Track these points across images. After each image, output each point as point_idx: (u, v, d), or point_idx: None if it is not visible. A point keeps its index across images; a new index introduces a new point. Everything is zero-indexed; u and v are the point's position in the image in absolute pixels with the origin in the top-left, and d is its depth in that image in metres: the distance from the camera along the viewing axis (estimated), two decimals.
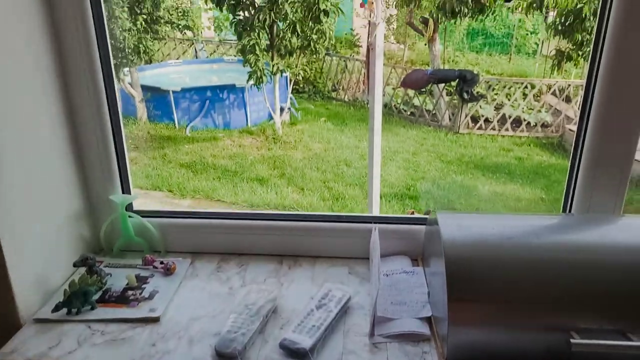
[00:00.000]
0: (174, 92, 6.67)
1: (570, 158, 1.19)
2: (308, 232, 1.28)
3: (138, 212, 1.30)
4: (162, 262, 1.22)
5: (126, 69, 6.16)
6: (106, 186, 1.26)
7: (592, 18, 6.43)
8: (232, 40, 8.88)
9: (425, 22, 7.74)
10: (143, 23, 5.55)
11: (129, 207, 1.30)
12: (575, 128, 1.10)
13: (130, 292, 1.12)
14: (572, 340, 0.83)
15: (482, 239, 0.96)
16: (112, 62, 1.21)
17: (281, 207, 5.04)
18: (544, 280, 0.89)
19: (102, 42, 1.16)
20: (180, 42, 8.97)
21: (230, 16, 6.07)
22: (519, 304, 0.88)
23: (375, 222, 1.26)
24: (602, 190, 1.13)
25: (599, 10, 1.03)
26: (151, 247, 1.31)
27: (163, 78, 7.58)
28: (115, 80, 1.23)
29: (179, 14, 6.40)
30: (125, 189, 1.29)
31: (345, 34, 10.41)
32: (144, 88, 6.70)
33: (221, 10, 6.12)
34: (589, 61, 1.09)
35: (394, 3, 9.53)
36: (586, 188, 1.14)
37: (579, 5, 6.37)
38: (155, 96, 6.78)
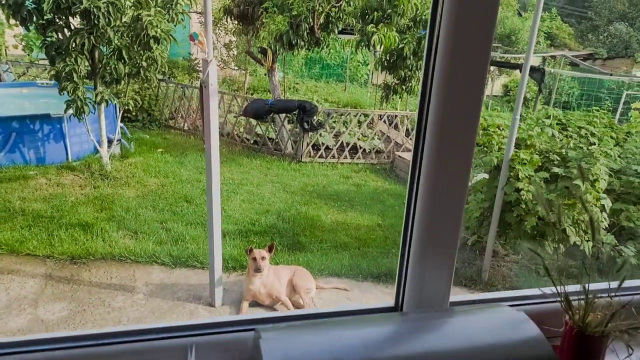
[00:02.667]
0: None
1: (401, 246, 1.13)
2: (110, 358, 1.00)
3: None
4: None
5: None
6: None
7: (411, 57, 7.15)
8: (46, 61, 7.82)
9: (264, 52, 7.78)
10: None
11: None
12: (404, 155, 1.03)
13: None
14: None
15: None
16: None
17: (109, 256, 4.44)
18: None
19: None
20: None
21: (41, 37, 5.28)
22: None
23: (192, 335, 1.04)
24: (432, 279, 1.08)
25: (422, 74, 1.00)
26: None
27: None
28: None
29: None
30: None
31: (183, 59, 9.96)
32: None
33: (28, 30, 5.28)
34: (415, 136, 1.05)
35: (232, 31, 9.45)
36: (417, 275, 1.09)
37: (400, 45, 7.02)
38: None
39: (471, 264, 4.92)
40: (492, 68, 12.58)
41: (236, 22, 8.34)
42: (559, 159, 4.52)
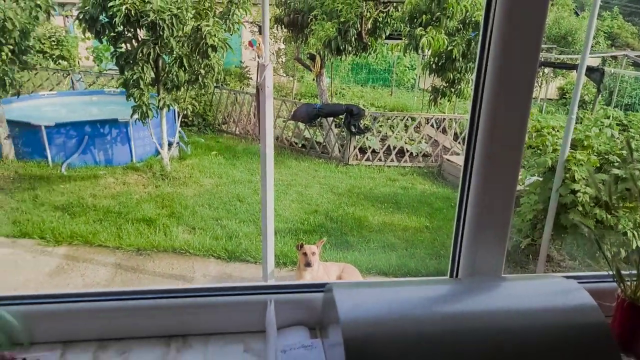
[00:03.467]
0: (46, 127, 6.07)
1: (455, 219, 1.27)
2: (197, 308, 1.19)
3: None
4: (24, 359, 1.06)
5: None
6: None
7: (461, 59, 7.17)
8: (113, 71, 8.39)
9: (312, 58, 8.03)
10: (9, 54, 5.00)
11: None
12: (452, 158, 1.17)
13: None
14: None
15: (377, 315, 0.97)
16: None
17: (171, 249, 4.76)
18: (440, 351, 0.92)
19: None
20: (55, 72, 8.24)
21: (112, 48, 5.74)
22: None
23: (270, 293, 1.22)
24: (485, 251, 1.21)
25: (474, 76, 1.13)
26: (11, 339, 1.12)
27: (34, 111, 6.88)
28: None
29: (53, 44, 5.89)
30: None
31: (235, 67, 10.41)
32: (11, 123, 6.01)
33: (101, 42, 5.76)
34: (467, 131, 1.18)
35: (282, 38, 9.78)
36: (471, 249, 1.22)
37: (449, 48, 7.06)
38: (25, 132, 6.11)
39: (524, 268, 4.86)
40: (546, 70, 12.24)
41: (286, 30, 8.64)
42: (619, 160, 4.39)
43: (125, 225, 5.09)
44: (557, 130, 5.00)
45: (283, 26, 8.41)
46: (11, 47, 4.96)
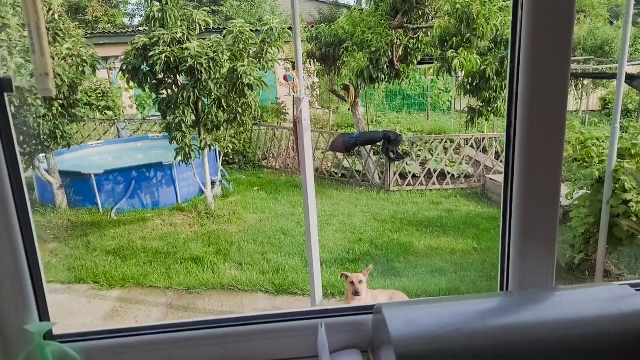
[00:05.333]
0: (96, 175, 6.38)
1: (501, 234, 1.24)
2: (252, 336, 1.21)
3: (58, 337, 1.16)
4: None
5: (42, 156, 5.84)
6: (21, 315, 1.13)
7: (495, 78, 7.10)
8: (155, 117, 8.80)
9: (346, 89, 8.15)
10: (59, 108, 5.35)
11: (48, 334, 1.17)
12: (495, 177, 1.15)
13: None
14: None
15: (430, 332, 0.95)
16: (21, 165, 1.12)
17: (219, 286, 4.83)
18: None
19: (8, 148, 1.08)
20: (101, 123, 8.74)
21: (154, 95, 6.04)
22: None
23: (319, 317, 1.22)
24: (534, 263, 1.17)
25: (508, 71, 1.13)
26: None
27: (83, 161, 7.28)
28: (30, 171, 1.13)
29: (99, 96, 6.26)
30: (43, 316, 1.16)
31: (271, 104, 10.70)
32: (63, 174, 6.36)
33: (144, 90, 6.08)
34: (505, 145, 1.17)
35: (315, 72, 10.01)
36: (519, 262, 1.18)
37: (482, 67, 7.01)
38: (76, 181, 6.44)
39: None
40: (585, 82, 11.91)
41: (318, 64, 8.84)
42: None
43: (174, 265, 5.21)
44: (602, 141, 4.83)
45: (315, 60, 8.62)
46: (61, 101, 5.31)
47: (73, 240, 5.80)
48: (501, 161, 8.05)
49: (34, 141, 5.33)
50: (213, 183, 6.91)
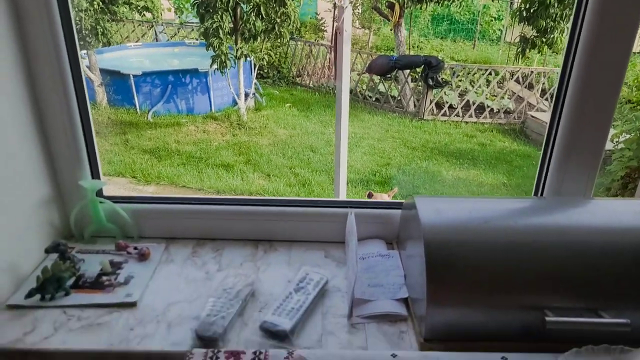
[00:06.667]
0: (134, 76, 6.45)
1: (544, 143, 1.23)
2: (283, 217, 1.28)
3: (109, 198, 1.26)
4: (135, 248, 1.20)
5: (83, 52, 5.91)
6: (75, 172, 1.21)
7: (556, 5, 6.60)
8: (193, 22, 8.66)
9: (391, 7, 7.76)
10: (100, 3, 5.32)
11: (99, 193, 1.26)
12: (537, 115, 1.13)
13: (104, 278, 1.09)
14: (546, 318, 0.86)
15: (459, 222, 0.99)
16: (77, 42, 1.16)
17: (247, 192, 5.00)
18: (520, 262, 0.92)
19: (65, 21, 1.11)
20: (140, 25, 8.66)
21: None
22: (496, 285, 0.91)
23: (351, 206, 1.27)
24: (574, 174, 1.17)
25: None
26: (123, 233, 1.27)
27: (122, 61, 7.32)
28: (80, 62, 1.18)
29: None
30: (95, 174, 1.25)
31: (310, 18, 10.32)
32: (103, 71, 6.46)
33: None
34: (565, 50, 1.13)
35: None
36: (558, 172, 1.19)
37: None
38: (115, 80, 6.54)
39: None
40: None
41: None
42: None
43: (205, 169, 5.39)
44: None
45: None
46: None
47: (112, 137, 6.01)
48: (546, 99, 7.72)
49: (77, 36, 5.37)
50: (246, 95, 6.92)
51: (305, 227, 1.29)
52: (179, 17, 9.00)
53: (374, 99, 8.20)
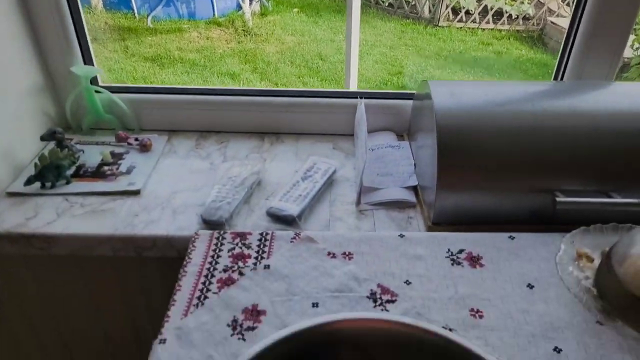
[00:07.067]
0: None
1: (568, 25, 1.13)
2: (290, 108, 1.22)
3: (106, 88, 1.20)
4: (136, 139, 1.16)
5: None
6: (65, 57, 1.14)
7: None
8: None
9: None
10: None
11: (95, 82, 1.20)
12: (557, 21, 1.03)
13: (106, 168, 1.07)
14: (557, 199, 0.84)
15: (473, 106, 0.93)
16: None
17: None
18: (534, 144, 0.88)
19: None
20: None
21: None
22: (508, 169, 0.88)
23: (360, 97, 1.21)
24: (597, 57, 1.09)
25: None
26: (123, 125, 1.23)
27: None
28: None
29: None
30: (87, 61, 1.18)
31: None
32: None
33: None
34: None
35: None
36: (582, 54, 1.10)
37: None
38: None
39: None
40: None
41: None
42: None
43: (210, 77, 5.24)
44: None
45: None
46: None
47: (111, 44, 5.79)
48: (567, 4, 7.24)
49: None
50: None
51: (313, 119, 1.23)
52: None
53: (387, 4, 7.73)
